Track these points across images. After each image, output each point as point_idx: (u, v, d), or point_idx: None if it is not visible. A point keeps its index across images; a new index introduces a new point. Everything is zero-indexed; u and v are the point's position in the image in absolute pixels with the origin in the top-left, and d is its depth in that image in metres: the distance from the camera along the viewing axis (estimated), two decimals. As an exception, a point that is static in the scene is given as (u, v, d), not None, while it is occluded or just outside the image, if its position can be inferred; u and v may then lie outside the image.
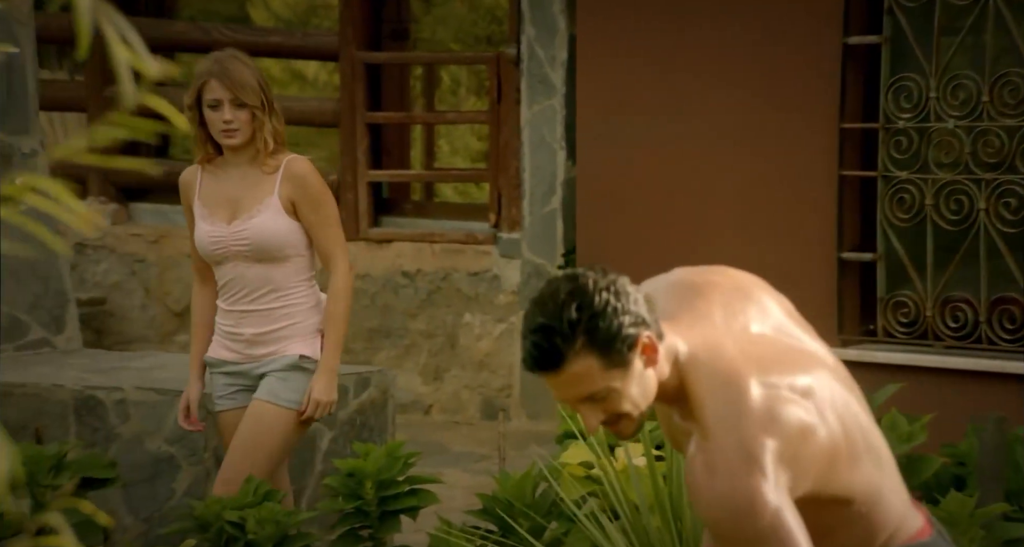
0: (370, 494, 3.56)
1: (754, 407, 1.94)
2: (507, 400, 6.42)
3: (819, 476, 1.98)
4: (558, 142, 6.21)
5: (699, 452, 1.94)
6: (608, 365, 1.93)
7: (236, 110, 3.30)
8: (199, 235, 3.38)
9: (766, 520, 1.90)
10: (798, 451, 1.94)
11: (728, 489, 1.90)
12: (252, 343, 3.39)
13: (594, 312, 1.94)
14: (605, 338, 1.93)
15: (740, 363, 1.99)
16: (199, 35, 6.89)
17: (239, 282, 3.37)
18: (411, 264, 6.57)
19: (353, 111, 6.60)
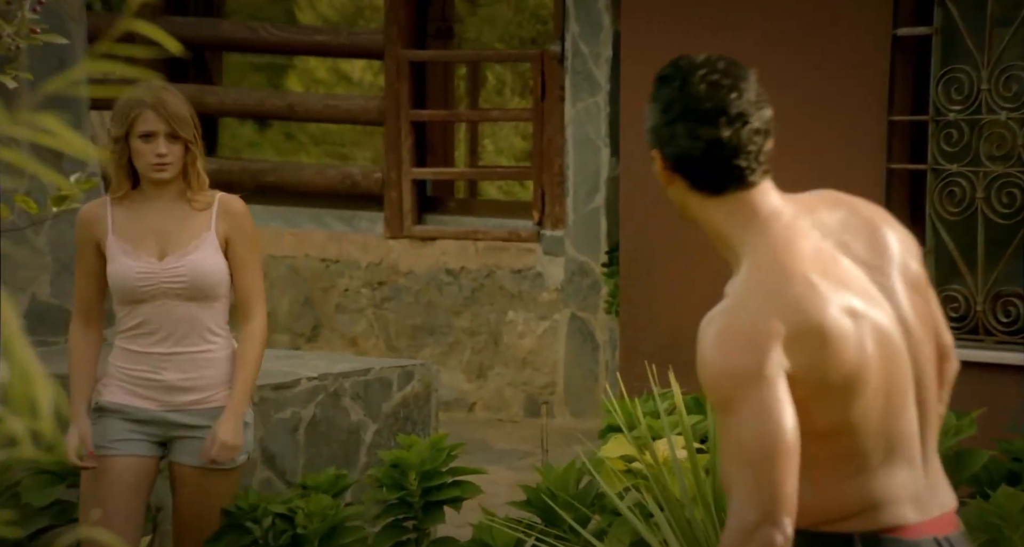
0: (414, 485, 3.57)
1: (790, 292, 1.90)
2: (551, 398, 6.42)
3: (827, 394, 1.91)
4: (602, 139, 6.21)
5: (718, 311, 1.93)
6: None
7: (170, 143, 3.15)
8: (120, 272, 3.16)
9: (755, 383, 1.86)
10: (817, 352, 1.89)
11: (727, 351, 1.88)
12: (175, 390, 3.18)
13: (659, 89, 1.98)
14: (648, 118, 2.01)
15: (804, 260, 1.93)
16: (246, 34, 6.95)
17: (162, 323, 3.17)
18: (455, 262, 6.59)
19: (398, 109, 6.62)
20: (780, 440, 1.86)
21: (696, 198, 1.99)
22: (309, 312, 6.86)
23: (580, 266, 6.29)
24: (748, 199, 1.99)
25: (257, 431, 3.98)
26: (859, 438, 1.95)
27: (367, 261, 6.74)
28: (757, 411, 1.86)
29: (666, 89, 2.00)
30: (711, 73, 1.98)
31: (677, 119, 1.97)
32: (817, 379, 1.90)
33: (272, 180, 6.95)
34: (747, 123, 1.97)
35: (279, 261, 6.88)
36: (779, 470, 1.86)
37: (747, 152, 1.97)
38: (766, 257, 1.95)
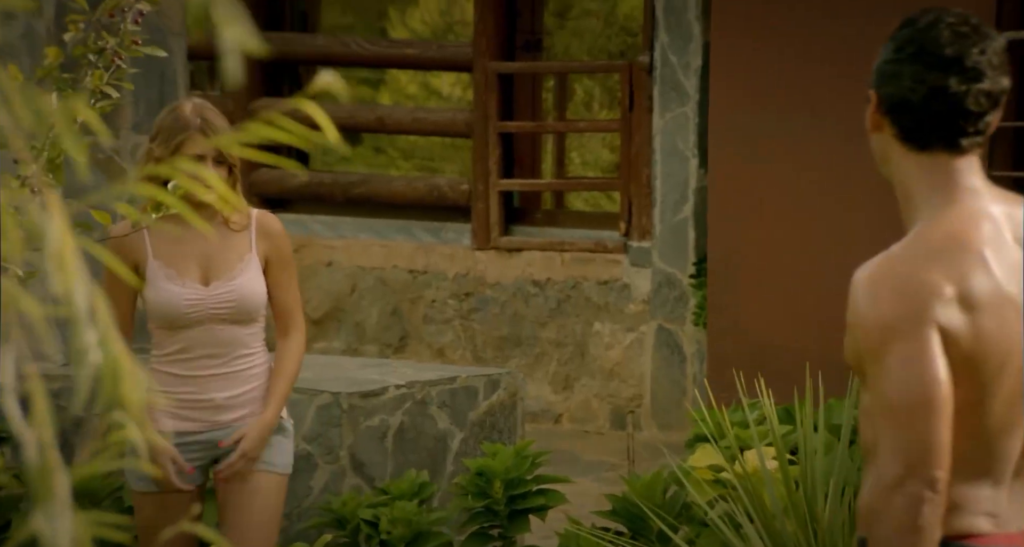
0: (499, 493, 3.57)
1: (960, 256, 1.84)
2: (637, 410, 6.39)
3: (963, 370, 1.83)
4: (690, 150, 6.18)
5: (876, 259, 1.87)
6: None
7: (217, 166, 3.10)
8: (167, 298, 3.11)
9: (907, 332, 1.79)
10: (969, 322, 1.82)
11: (881, 297, 1.82)
12: (222, 408, 3.16)
13: (900, 30, 1.92)
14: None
15: (983, 239, 1.87)
16: (339, 48, 7.02)
17: (207, 345, 3.14)
18: (541, 273, 6.59)
19: (486, 121, 6.65)
20: (930, 391, 1.79)
21: (899, 150, 1.90)
22: (397, 323, 6.90)
23: (667, 277, 6.26)
24: (951, 165, 1.89)
25: (346, 439, 4.01)
26: (970, 431, 1.88)
27: (454, 272, 6.76)
28: (907, 361, 1.79)
29: (907, 29, 1.90)
30: (960, 24, 1.88)
31: (907, 59, 1.88)
32: (960, 350, 1.83)
33: (362, 192, 7.01)
34: (979, 81, 1.86)
35: (367, 272, 6.93)
36: (928, 422, 1.78)
37: (968, 112, 1.87)
38: (944, 223, 1.87)
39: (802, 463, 3.31)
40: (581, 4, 6.85)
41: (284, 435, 3.18)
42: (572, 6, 6.87)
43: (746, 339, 5.17)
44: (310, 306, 6.95)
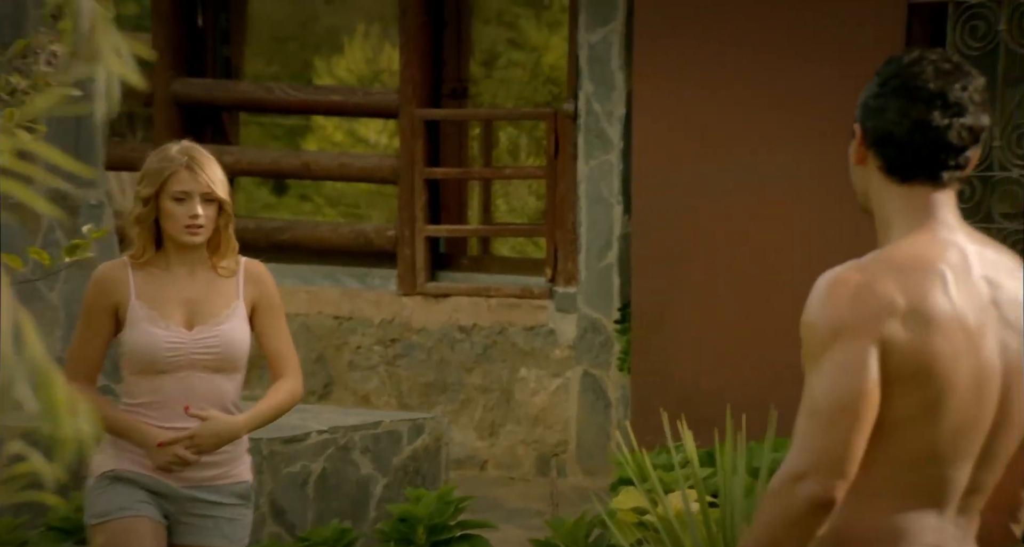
0: (422, 539, 3.55)
1: (918, 273, 1.87)
2: (563, 455, 6.38)
3: (910, 385, 1.85)
4: (615, 197, 6.23)
5: (838, 267, 1.91)
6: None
7: (205, 205, 3.00)
8: (146, 340, 2.98)
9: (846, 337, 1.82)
10: (918, 338, 1.85)
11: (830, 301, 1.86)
12: (196, 466, 2.99)
13: (885, 67, 1.95)
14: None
15: (947, 263, 1.89)
16: (263, 94, 7.01)
17: (182, 395, 2.98)
18: (467, 318, 6.59)
19: (412, 167, 6.66)
20: (852, 398, 1.81)
21: (880, 182, 1.95)
22: (322, 369, 6.85)
23: (592, 323, 6.28)
24: (930, 198, 1.93)
25: (265, 486, 3.96)
26: (915, 456, 1.89)
27: (380, 318, 6.74)
28: (839, 365, 1.82)
29: (891, 65, 1.95)
30: (942, 62, 1.94)
31: (892, 93, 1.93)
32: (905, 363, 1.85)
33: (286, 238, 6.98)
34: (962, 116, 1.91)
35: (292, 319, 6.88)
36: (842, 428, 1.81)
37: (951, 145, 1.92)
38: (912, 245, 1.91)
39: (723, 505, 3.32)
40: (507, 55, 6.90)
41: (249, 506, 3.02)
42: (499, 56, 6.93)
43: (669, 383, 5.19)
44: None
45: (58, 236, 4.29)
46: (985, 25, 4.82)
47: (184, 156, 3.02)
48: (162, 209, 3.00)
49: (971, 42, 4.84)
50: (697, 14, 5.36)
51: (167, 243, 3.03)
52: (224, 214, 3.03)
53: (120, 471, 3.01)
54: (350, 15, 7.16)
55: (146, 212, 3.01)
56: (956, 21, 4.86)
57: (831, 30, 5.05)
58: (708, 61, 5.34)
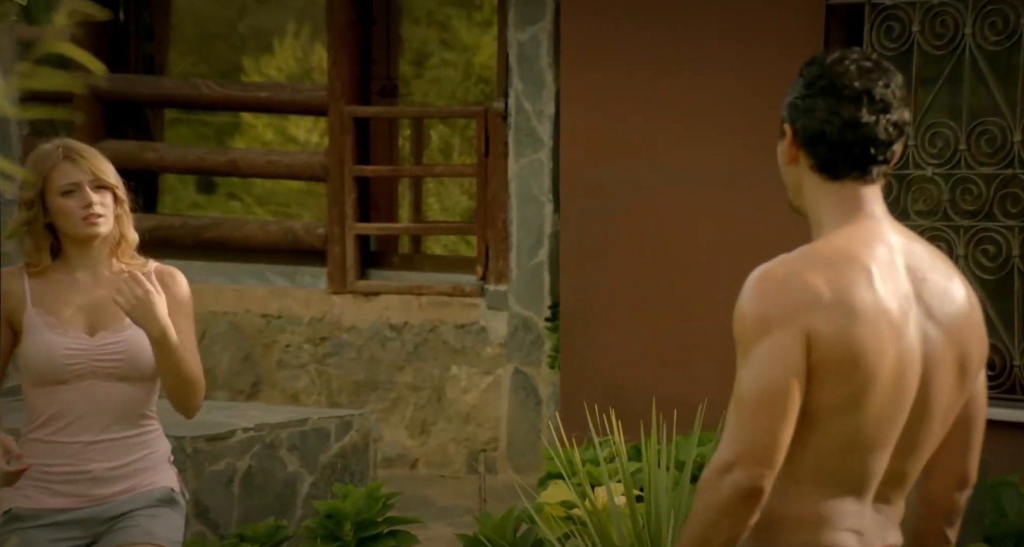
0: (349, 535, 3.54)
1: (843, 267, 1.92)
2: (494, 453, 6.38)
3: (834, 376, 1.89)
4: (545, 195, 6.24)
5: (769, 262, 1.96)
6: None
7: (98, 193, 2.80)
8: (45, 348, 2.78)
9: (772, 329, 1.87)
10: (842, 329, 1.89)
11: (756, 294, 1.92)
12: (101, 481, 2.81)
13: (808, 67, 2.00)
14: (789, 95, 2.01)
15: (873, 257, 1.95)
16: (189, 91, 6.95)
17: (86, 408, 2.79)
18: (398, 317, 6.57)
19: (341, 164, 6.63)
20: (777, 390, 1.86)
21: (813, 180, 1.99)
22: (250, 369, 6.80)
23: (524, 321, 6.29)
24: (860, 193, 1.98)
25: (190, 484, 3.92)
26: (839, 445, 1.93)
27: (309, 316, 6.71)
28: (764, 356, 1.87)
29: (815, 67, 2.00)
30: (863, 60, 1.99)
31: (819, 93, 1.97)
32: (830, 354, 1.89)
33: (213, 236, 6.92)
34: (887, 113, 1.97)
35: (219, 317, 6.83)
36: (767, 418, 1.85)
37: (879, 141, 1.97)
38: (839, 239, 1.96)
39: (648, 499, 3.34)
40: (439, 54, 6.90)
41: (174, 508, 2.85)
42: (430, 56, 6.92)
43: (598, 379, 5.21)
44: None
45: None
46: (900, 26, 4.90)
47: (60, 149, 2.83)
48: (52, 208, 2.80)
49: (887, 43, 4.91)
50: (623, 13, 5.38)
51: (66, 246, 2.84)
52: (119, 202, 2.84)
53: (20, 510, 2.81)
54: (279, 14, 7.12)
55: (32, 215, 2.81)
56: (872, 22, 4.93)
57: (753, 30, 5.10)
58: (635, 59, 5.36)
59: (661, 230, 5.30)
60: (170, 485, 2.85)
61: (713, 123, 5.18)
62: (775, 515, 1.94)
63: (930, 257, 2.01)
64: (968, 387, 2.01)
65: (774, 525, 1.94)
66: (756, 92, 5.09)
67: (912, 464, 2.00)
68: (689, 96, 5.23)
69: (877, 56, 2.01)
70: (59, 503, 2.78)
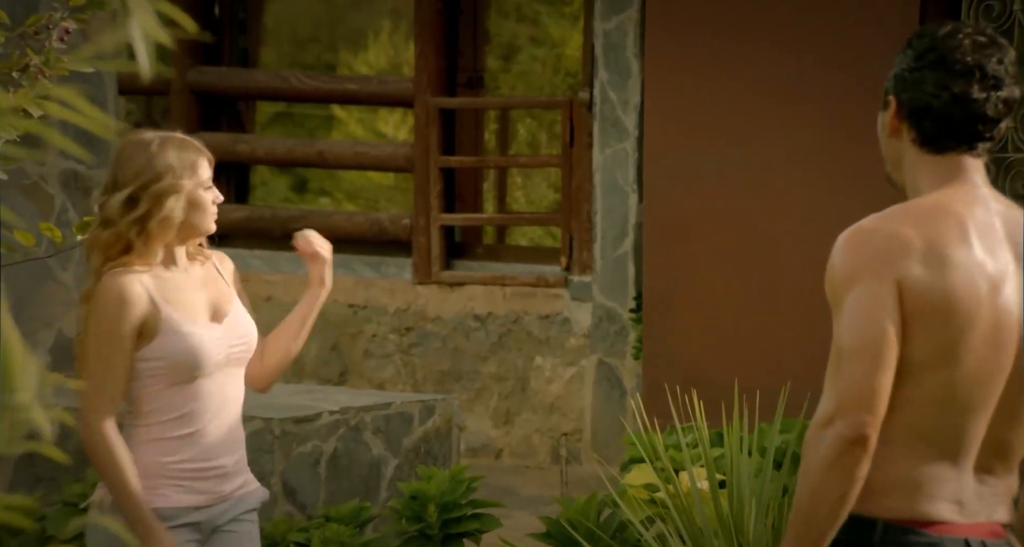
0: (433, 517, 3.56)
1: (938, 218, 1.91)
2: (577, 444, 6.38)
3: (931, 323, 1.88)
4: (630, 185, 6.22)
5: (867, 218, 1.97)
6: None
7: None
8: (193, 343, 2.72)
9: (862, 280, 1.87)
10: (936, 275, 1.88)
11: (847, 247, 1.93)
12: (228, 476, 2.75)
13: (918, 39, 1.97)
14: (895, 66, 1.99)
15: (967, 213, 1.93)
16: (279, 83, 7.03)
17: (220, 398, 2.74)
18: (482, 307, 6.59)
19: (427, 156, 6.67)
20: (872, 338, 1.83)
21: (914, 154, 1.97)
22: (337, 358, 6.87)
23: (608, 312, 6.28)
24: (962, 164, 1.97)
25: (278, 465, 3.98)
26: (932, 401, 1.89)
27: (395, 307, 6.75)
28: (858, 308, 1.85)
29: (926, 39, 1.97)
30: (978, 34, 1.97)
31: (929, 66, 1.94)
32: (927, 302, 1.87)
33: (301, 227, 6.97)
34: (999, 89, 1.95)
35: (308, 307, 6.90)
36: (864, 364, 1.83)
37: (987, 118, 1.95)
38: (936, 196, 1.94)
39: (731, 484, 3.32)
40: (527, 50, 6.91)
41: (255, 522, 2.80)
42: (518, 50, 6.93)
43: (680, 365, 5.19)
44: (250, 341, 6.90)
45: (71, 216, 4.31)
46: (1001, 5, 4.81)
47: (197, 143, 2.84)
48: (192, 201, 2.76)
49: (986, 22, 4.83)
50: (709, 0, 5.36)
51: (163, 240, 2.78)
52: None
53: (160, 509, 2.70)
54: (372, 13, 7.18)
55: (169, 208, 2.74)
56: (971, 1, 4.85)
57: (845, 16, 5.04)
58: (721, 48, 5.33)
59: (745, 218, 5.27)
60: (259, 484, 2.83)
61: (799, 109, 5.14)
62: (870, 479, 1.88)
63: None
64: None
65: (870, 490, 1.88)
66: (846, 75, 5.04)
67: (1016, 433, 1.94)
68: (775, 83, 5.19)
69: (992, 30, 2.00)
70: (194, 500, 2.71)
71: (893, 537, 1.87)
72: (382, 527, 3.74)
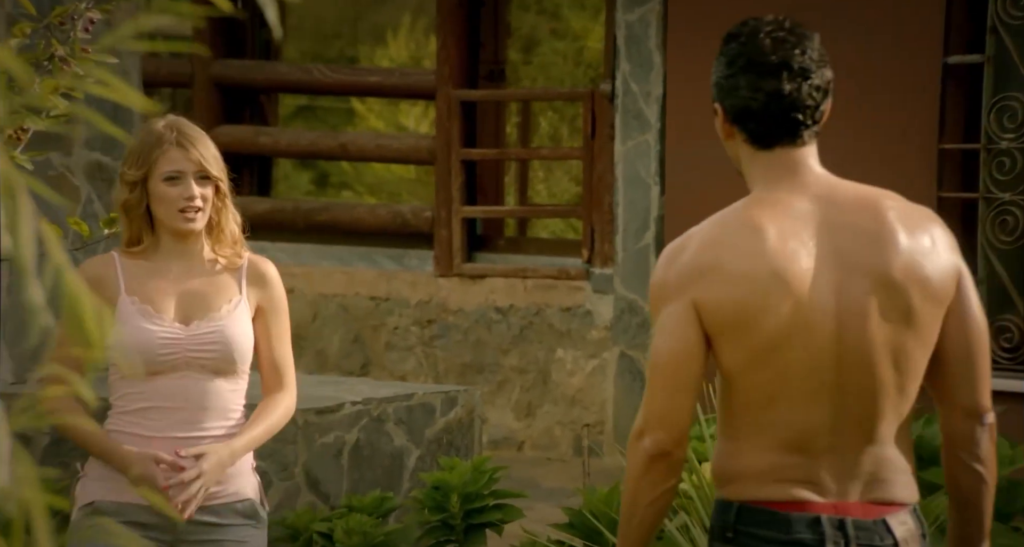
0: (456, 507, 3.55)
1: (741, 233, 2.03)
2: (599, 436, 6.38)
3: (735, 337, 2.00)
4: (652, 177, 6.21)
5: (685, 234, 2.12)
6: None
7: (201, 184, 2.68)
8: (139, 337, 2.65)
9: (666, 299, 2.02)
10: (733, 293, 2.00)
11: (658, 266, 2.09)
12: (188, 482, 2.64)
13: (726, 45, 2.09)
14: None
15: (775, 219, 2.05)
16: (302, 76, 7.04)
17: (178, 400, 2.66)
18: (504, 300, 6.59)
19: (449, 148, 6.67)
20: (668, 357, 1.99)
21: (748, 152, 2.09)
22: (359, 350, 6.88)
23: (629, 304, 6.27)
24: (790, 157, 2.07)
25: (300, 456, 3.98)
26: (759, 400, 2.01)
27: (417, 299, 6.76)
28: (660, 328, 2.01)
29: (733, 44, 2.09)
30: (777, 30, 2.08)
31: (740, 71, 2.06)
32: (722, 319, 2.00)
33: (324, 219, 7.01)
34: (808, 79, 2.06)
35: (329, 299, 6.92)
36: (664, 386, 1.99)
37: (805, 107, 2.06)
38: (750, 204, 2.07)
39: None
40: (548, 43, 6.90)
41: (259, 527, 2.73)
42: (539, 43, 6.92)
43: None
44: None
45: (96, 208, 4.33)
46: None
47: (172, 132, 2.69)
48: (152, 193, 2.68)
49: (1013, 12, 4.80)
50: (734, -9, 5.33)
51: (160, 232, 2.72)
52: (220, 195, 2.71)
53: (103, 504, 2.68)
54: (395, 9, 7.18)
55: (135, 198, 2.69)
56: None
57: (869, 8, 5.02)
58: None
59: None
60: (252, 497, 2.72)
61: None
62: (727, 471, 2.05)
63: (862, 214, 2.07)
64: (924, 330, 2.04)
65: (729, 480, 2.05)
66: (869, 68, 5.01)
67: (866, 410, 2.02)
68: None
69: (791, 22, 2.08)
70: (140, 500, 2.64)
71: (745, 517, 2.02)
72: (405, 517, 3.74)
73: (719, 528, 2.03)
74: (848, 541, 2.00)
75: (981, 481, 2.08)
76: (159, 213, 2.69)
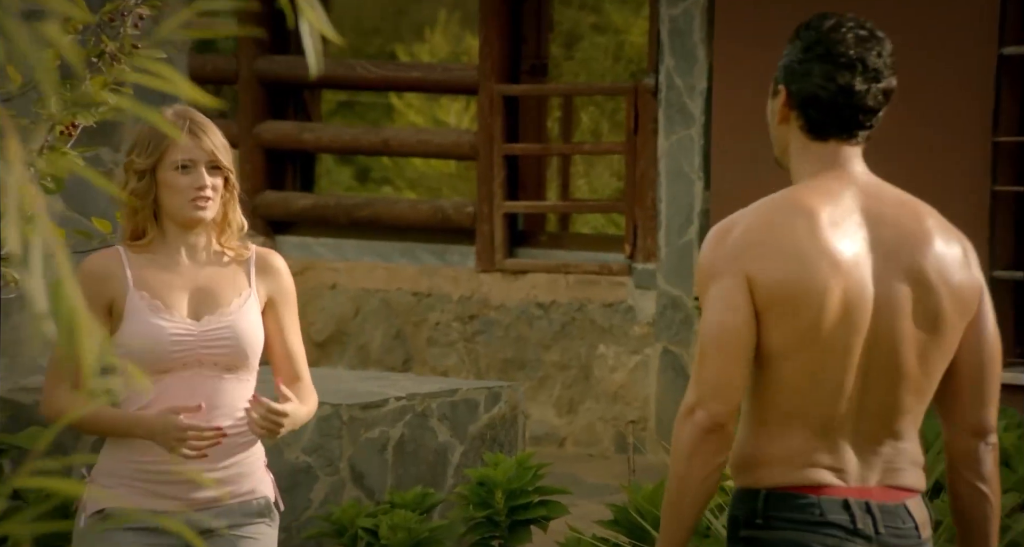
0: (500, 503, 3.55)
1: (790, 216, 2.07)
2: (643, 433, 6.35)
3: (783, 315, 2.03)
4: (696, 172, 6.17)
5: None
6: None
7: (212, 174, 2.61)
8: (150, 333, 2.57)
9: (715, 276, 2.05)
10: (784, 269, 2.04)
11: (706, 246, 2.14)
12: (200, 484, 2.58)
13: (805, 32, 2.12)
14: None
15: (823, 206, 2.09)
16: (344, 71, 7.05)
17: (187, 398, 2.56)
18: (545, 295, 6.57)
19: (491, 143, 6.65)
20: (722, 332, 2.01)
21: (801, 140, 2.13)
22: (400, 346, 6.88)
23: (672, 300, 6.24)
24: (842, 151, 2.13)
25: (345, 450, 3.98)
26: (795, 383, 2.04)
27: (458, 295, 6.75)
28: (714, 303, 2.03)
29: (812, 32, 2.13)
30: (859, 28, 2.13)
31: (817, 59, 2.11)
32: (773, 296, 2.03)
33: (366, 215, 7.01)
34: (879, 81, 2.11)
35: (371, 295, 6.92)
36: (717, 360, 2.00)
37: (869, 108, 2.12)
38: (799, 188, 2.11)
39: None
40: (590, 38, 6.88)
41: (272, 524, 2.65)
42: (580, 38, 6.90)
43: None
44: (313, 328, 6.94)
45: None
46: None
47: (183, 120, 2.62)
48: (162, 182, 2.61)
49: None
50: (779, -16, 5.29)
51: (166, 224, 2.64)
52: (229, 186, 2.64)
53: (112, 510, 2.60)
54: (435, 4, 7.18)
55: (143, 187, 2.60)
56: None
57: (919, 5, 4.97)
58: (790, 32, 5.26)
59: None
60: (268, 494, 2.65)
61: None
62: (752, 456, 2.07)
63: (904, 212, 2.13)
64: (947, 337, 2.08)
65: (753, 465, 2.07)
66: (919, 62, 4.96)
67: (888, 400, 2.05)
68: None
69: (872, 24, 2.12)
70: (155, 504, 2.57)
71: (775, 502, 2.04)
72: (449, 513, 3.74)
73: (745, 516, 2.04)
74: (876, 523, 2.04)
75: (985, 500, 2.11)
76: (168, 203, 2.62)
